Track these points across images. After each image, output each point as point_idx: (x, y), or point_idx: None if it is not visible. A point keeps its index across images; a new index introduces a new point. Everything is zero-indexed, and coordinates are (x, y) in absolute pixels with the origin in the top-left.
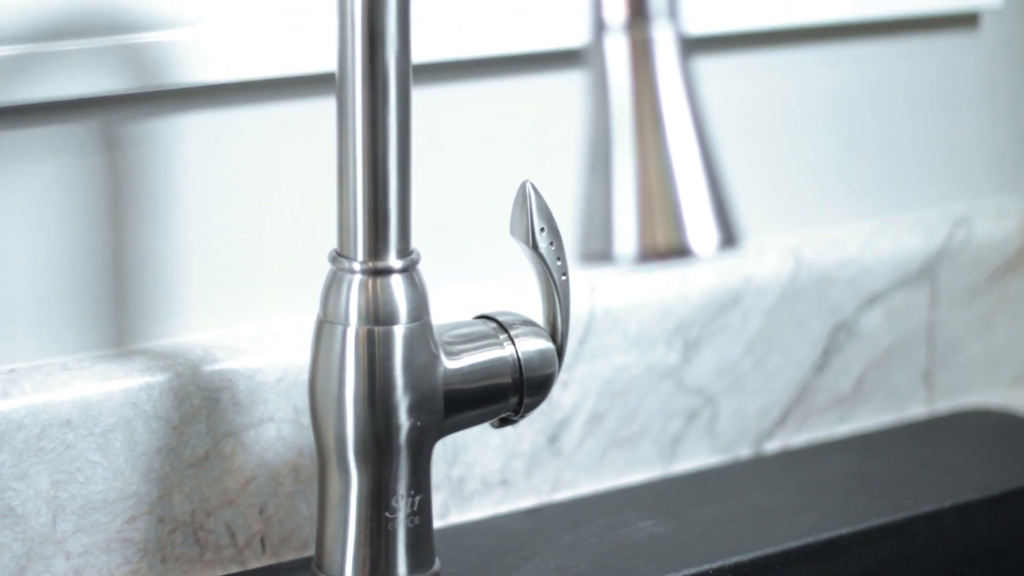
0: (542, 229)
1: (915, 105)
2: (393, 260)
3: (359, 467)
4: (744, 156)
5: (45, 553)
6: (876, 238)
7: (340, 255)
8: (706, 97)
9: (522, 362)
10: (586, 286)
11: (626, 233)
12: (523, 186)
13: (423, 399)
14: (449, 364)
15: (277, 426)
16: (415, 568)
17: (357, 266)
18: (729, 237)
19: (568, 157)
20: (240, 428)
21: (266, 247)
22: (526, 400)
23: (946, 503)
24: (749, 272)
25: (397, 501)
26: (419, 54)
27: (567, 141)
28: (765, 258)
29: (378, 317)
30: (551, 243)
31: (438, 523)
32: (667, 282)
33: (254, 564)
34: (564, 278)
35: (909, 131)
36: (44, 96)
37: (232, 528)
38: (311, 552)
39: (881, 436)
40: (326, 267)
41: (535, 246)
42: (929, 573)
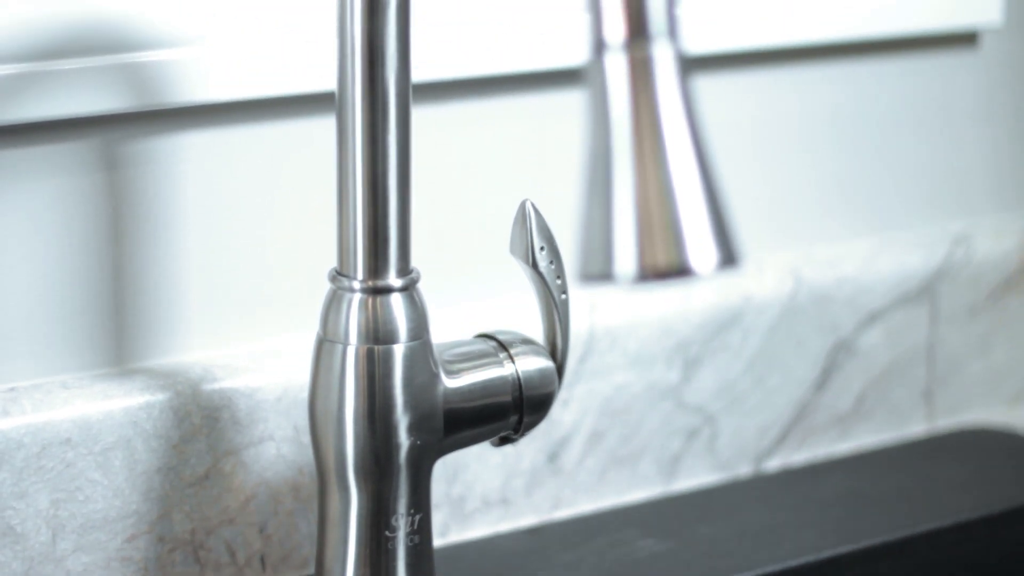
0: (542, 248)
1: (914, 123)
2: (393, 279)
3: (359, 486)
4: (744, 174)
5: (45, 572)
6: (876, 256)
7: (340, 274)
8: (706, 116)
9: (522, 381)
10: (586, 305)
11: (626, 252)
12: (523, 205)
13: (423, 418)
14: (449, 383)
15: (277, 445)
16: None
17: (357, 285)
18: (729, 256)
19: (568, 176)
20: (240, 447)
21: (266, 266)
22: (526, 419)
23: (946, 522)
24: (749, 290)
25: (397, 520)
26: (419, 73)
27: (567, 160)
28: (765, 276)
29: (378, 336)
30: (551, 262)
31: (438, 541)
32: (667, 301)
33: None
34: (564, 297)
35: (908, 149)
36: (44, 115)
37: (232, 547)
38: (311, 571)
39: (881, 454)
40: (326, 286)
41: (535, 265)
42: None
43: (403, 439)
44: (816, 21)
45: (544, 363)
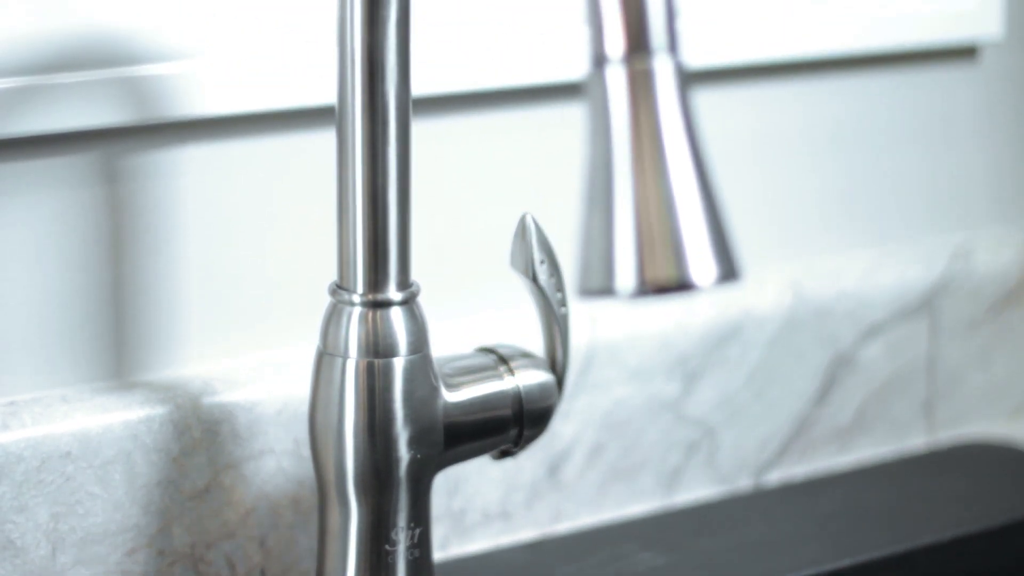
0: (542, 262)
1: (915, 137)
2: (393, 292)
3: (359, 499)
4: (744, 188)
5: None
6: (876, 269)
7: (340, 287)
8: (706, 129)
9: (522, 394)
10: (586, 318)
11: (626, 267)
12: (523, 219)
13: (423, 431)
14: (449, 396)
15: (277, 458)
16: None
17: (357, 298)
18: (730, 271)
19: (568, 190)
20: (240, 460)
21: (266, 279)
22: (526, 432)
23: (947, 535)
24: (749, 304)
25: (397, 533)
26: (419, 87)
27: (567, 174)
28: (765, 290)
29: (378, 349)
30: (551, 276)
31: (438, 555)
32: (667, 314)
33: None
34: (564, 310)
35: (909, 163)
36: (44, 128)
37: (232, 560)
38: None
39: (881, 468)
40: (326, 299)
41: (535, 278)
42: None
43: (403, 453)
44: (816, 35)
45: (544, 376)
